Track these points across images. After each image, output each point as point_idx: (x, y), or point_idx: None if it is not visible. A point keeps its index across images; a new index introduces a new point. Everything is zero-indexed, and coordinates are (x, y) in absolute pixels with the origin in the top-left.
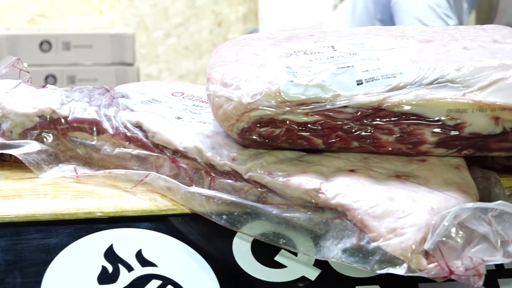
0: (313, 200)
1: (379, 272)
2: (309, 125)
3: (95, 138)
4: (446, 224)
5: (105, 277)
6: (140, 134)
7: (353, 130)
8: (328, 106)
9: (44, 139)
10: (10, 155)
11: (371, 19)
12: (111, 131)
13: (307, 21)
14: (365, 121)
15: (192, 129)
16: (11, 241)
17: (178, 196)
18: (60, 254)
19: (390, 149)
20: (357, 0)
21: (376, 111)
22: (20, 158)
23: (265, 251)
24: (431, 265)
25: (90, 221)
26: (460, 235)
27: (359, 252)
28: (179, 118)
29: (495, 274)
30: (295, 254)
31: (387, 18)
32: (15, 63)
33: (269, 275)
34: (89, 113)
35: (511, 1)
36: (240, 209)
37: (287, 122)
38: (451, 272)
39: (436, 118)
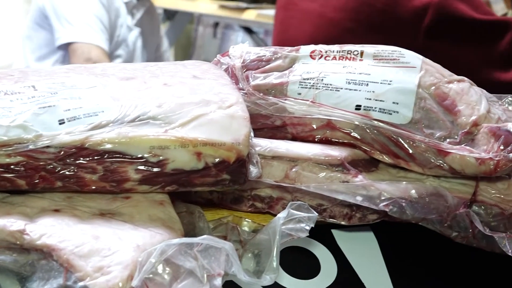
0: (18, 242)
1: None
2: (12, 167)
3: None
4: (153, 261)
5: None
6: None
7: (56, 170)
8: (30, 147)
9: None
10: None
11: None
12: None
13: None
14: (68, 160)
15: None
16: None
17: None
18: None
19: (94, 187)
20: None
21: (79, 150)
22: None
23: None
24: None
25: None
26: (167, 271)
27: None
28: None
29: None
30: None
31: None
32: None
33: None
34: None
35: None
36: None
37: None
38: None
39: (139, 156)
